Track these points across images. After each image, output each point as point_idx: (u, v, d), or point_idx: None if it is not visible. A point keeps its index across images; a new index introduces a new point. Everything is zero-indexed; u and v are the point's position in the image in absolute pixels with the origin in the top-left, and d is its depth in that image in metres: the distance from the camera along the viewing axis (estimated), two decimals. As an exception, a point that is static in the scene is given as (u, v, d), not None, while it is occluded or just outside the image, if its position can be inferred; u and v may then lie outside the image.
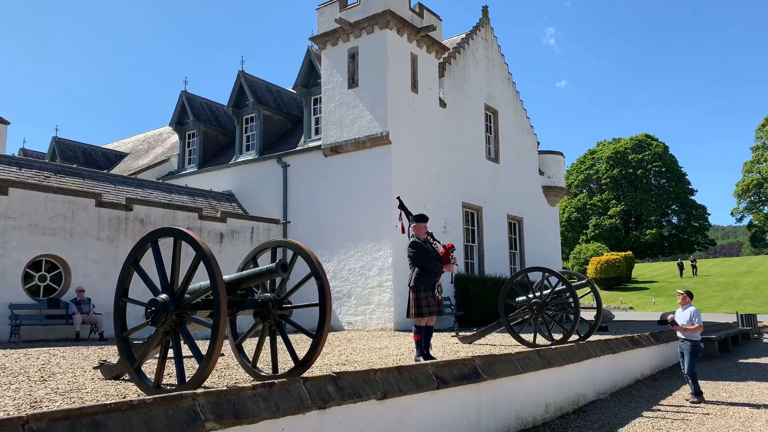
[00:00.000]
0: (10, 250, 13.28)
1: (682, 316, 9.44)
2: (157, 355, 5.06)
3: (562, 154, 26.01)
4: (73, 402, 4.61)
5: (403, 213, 8.43)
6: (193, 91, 25.09)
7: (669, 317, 9.69)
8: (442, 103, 19.11)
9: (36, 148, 31.92)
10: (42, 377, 6.19)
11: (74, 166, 19.47)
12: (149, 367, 6.32)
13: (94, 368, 6.53)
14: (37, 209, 13.80)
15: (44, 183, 14.86)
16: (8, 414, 3.79)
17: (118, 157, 29.02)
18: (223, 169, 21.39)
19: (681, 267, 46.69)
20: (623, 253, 46.18)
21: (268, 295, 5.48)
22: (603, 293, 41.45)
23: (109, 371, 6.00)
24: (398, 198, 8.73)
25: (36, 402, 4.56)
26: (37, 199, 13.84)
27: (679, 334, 9.57)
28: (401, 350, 9.61)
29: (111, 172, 23.75)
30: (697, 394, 9.30)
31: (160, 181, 21.70)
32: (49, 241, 13.94)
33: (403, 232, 8.59)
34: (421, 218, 8.13)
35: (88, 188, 15.83)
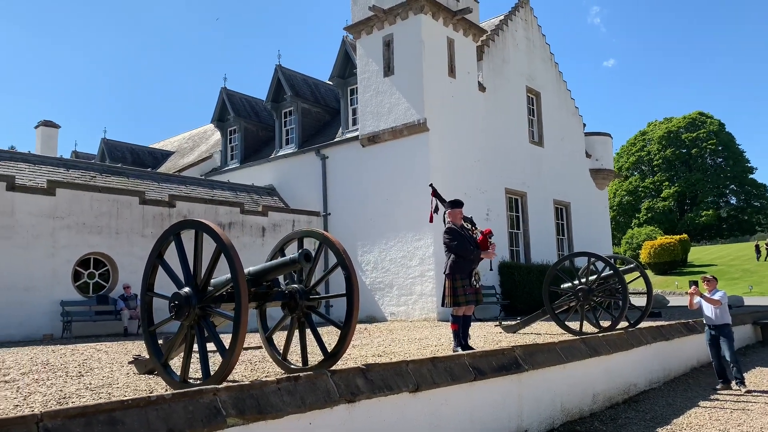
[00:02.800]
0: (59, 249, 13.67)
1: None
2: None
3: (609, 135, 25.09)
4: (101, 397, 4.58)
5: (435, 200, 8.15)
6: (233, 88, 25.35)
7: (691, 289, 8.90)
8: (481, 87, 18.65)
9: (87, 150, 32.94)
10: (79, 372, 6.24)
11: (119, 165, 19.94)
12: (180, 361, 6.29)
13: (129, 363, 6.57)
14: (83, 208, 14.15)
15: (90, 183, 15.23)
16: (33, 411, 3.75)
17: (165, 155, 29.65)
18: (264, 164, 21.52)
19: (758, 250, 44.05)
20: (678, 236, 44.47)
21: (296, 286, 5.34)
22: (657, 278, 39.97)
23: (143, 366, 6.00)
24: (431, 185, 8.44)
25: (64, 398, 4.56)
26: (83, 199, 14.19)
27: (707, 321, 9.05)
28: (441, 341, 9.37)
29: (157, 170, 24.25)
30: (743, 381, 8.80)
31: (203, 177, 22.02)
32: (96, 240, 14.29)
33: (432, 220, 8.31)
34: (457, 204, 7.84)
35: (132, 187, 16.16)
